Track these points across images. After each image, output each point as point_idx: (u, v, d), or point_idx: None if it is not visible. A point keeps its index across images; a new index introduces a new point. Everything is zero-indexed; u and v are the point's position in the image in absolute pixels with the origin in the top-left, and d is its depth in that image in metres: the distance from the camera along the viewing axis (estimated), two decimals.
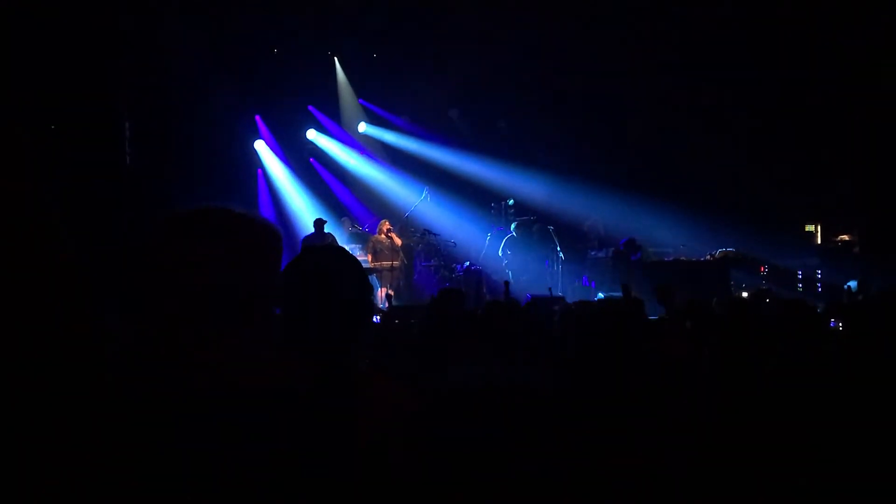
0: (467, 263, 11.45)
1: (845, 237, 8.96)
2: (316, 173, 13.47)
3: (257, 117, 13.09)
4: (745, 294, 9.56)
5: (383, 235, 11.45)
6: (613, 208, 12.48)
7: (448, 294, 4.61)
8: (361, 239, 11.87)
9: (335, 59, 13.10)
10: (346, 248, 10.86)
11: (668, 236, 11.95)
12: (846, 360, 2.62)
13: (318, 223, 11.17)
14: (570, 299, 9.79)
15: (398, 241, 11.45)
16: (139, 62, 10.86)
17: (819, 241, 12.07)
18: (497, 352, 3.11)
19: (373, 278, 10.62)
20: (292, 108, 13.07)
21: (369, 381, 1.69)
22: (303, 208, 13.16)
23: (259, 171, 13.30)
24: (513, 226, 11.70)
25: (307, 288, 1.69)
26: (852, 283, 8.46)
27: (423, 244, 11.82)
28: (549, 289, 8.71)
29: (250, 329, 1.21)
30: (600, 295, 10.03)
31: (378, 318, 5.98)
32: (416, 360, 3.24)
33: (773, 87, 11.33)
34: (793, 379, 2.52)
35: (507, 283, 6.72)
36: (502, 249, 11.54)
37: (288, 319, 1.75)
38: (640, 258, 10.61)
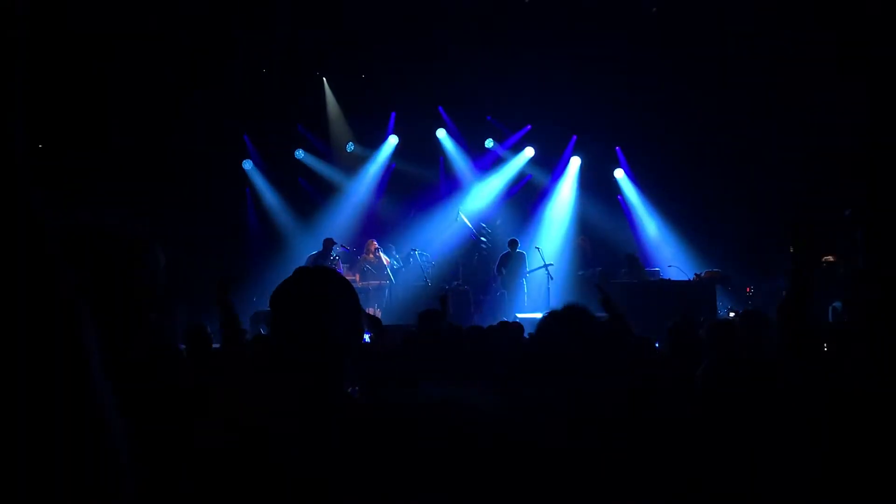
0: (455, 283, 11.44)
1: (830, 258, 8.97)
2: (304, 192, 13.45)
3: (245, 137, 13.09)
4: (731, 315, 9.58)
5: (371, 255, 11.46)
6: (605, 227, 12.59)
7: (428, 316, 4.58)
8: (350, 258, 11.86)
9: (324, 79, 13.14)
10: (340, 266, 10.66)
11: (655, 256, 12.00)
12: (832, 380, 2.63)
13: (327, 242, 11.19)
14: None
15: (386, 260, 11.45)
16: (127, 80, 10.84)
17: None
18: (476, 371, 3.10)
19: (360, 297, 10.57)
20: (281, 128, 13.07)
21: (356, 406, 1.67)
22: (290, 227, 13.14)
23: (247, 190, 13.28)
24: (508, 243, 11.67)
25: (297, 310, 1.67)
26: (837, 304, 8.44)
27: (411, 263, 11.82)
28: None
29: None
30: None
31: (368, 337, 5.91)
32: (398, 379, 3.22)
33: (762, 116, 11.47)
34: (779, 398, 2.52)
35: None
36: (498, 268, 11.51)
37: (277, 341, 1.73)
38: (615, 274, 10.60)
